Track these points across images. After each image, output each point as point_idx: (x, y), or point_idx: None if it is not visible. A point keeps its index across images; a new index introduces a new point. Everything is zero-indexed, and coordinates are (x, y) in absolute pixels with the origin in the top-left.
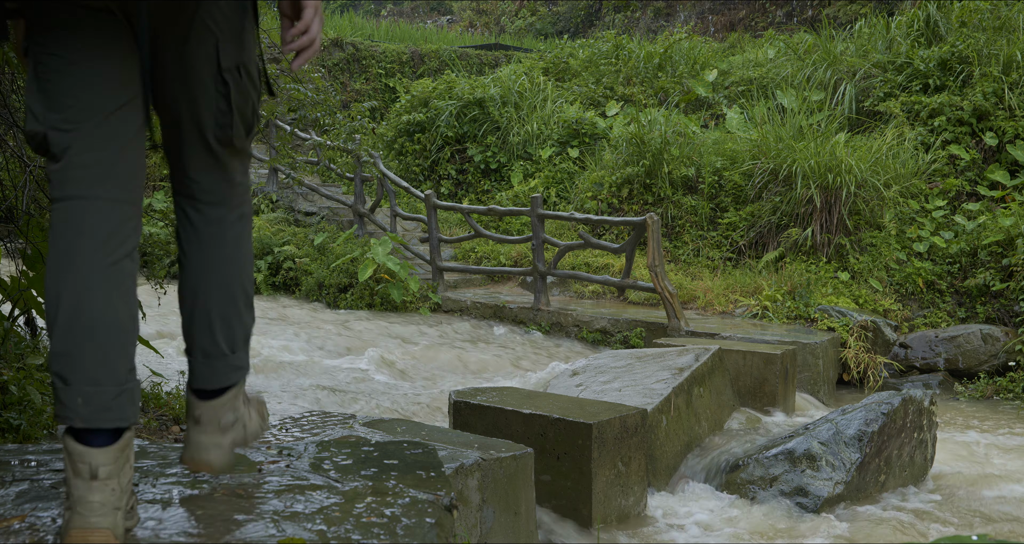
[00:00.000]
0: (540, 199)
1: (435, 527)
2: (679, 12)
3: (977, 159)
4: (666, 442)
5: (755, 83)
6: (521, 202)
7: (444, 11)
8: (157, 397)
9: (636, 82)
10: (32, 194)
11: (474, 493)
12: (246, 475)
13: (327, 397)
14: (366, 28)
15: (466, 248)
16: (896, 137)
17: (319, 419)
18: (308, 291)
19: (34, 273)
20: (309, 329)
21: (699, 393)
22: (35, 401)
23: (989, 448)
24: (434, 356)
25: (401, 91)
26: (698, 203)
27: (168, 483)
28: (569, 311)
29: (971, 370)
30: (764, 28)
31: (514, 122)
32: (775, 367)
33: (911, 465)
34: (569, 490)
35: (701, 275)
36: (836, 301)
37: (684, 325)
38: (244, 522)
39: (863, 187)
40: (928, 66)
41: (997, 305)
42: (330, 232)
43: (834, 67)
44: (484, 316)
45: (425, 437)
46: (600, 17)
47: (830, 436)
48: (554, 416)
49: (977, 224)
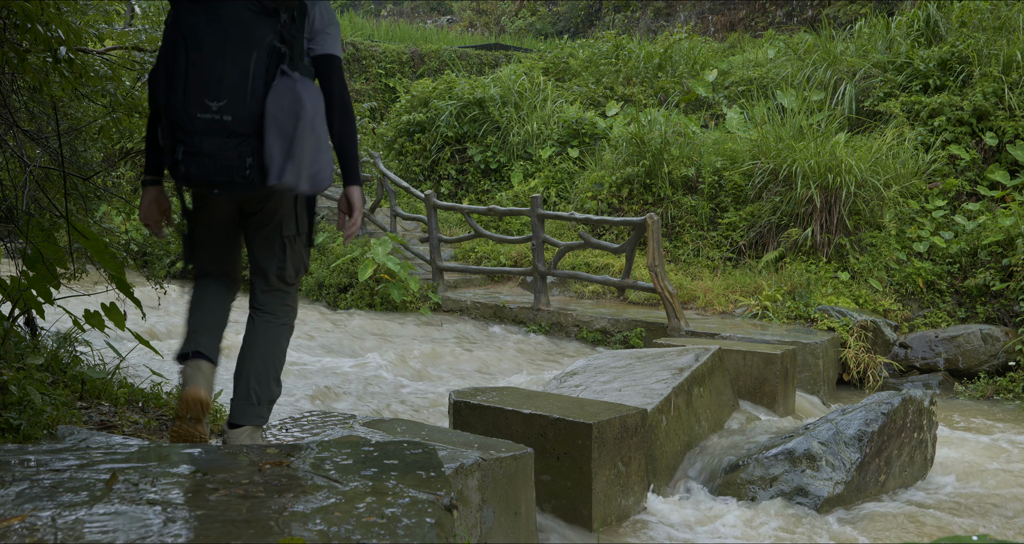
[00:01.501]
0: (540, 199)
1: (435, 527)
2: (679, 12)
3: (977, 159)
4: (666, 442)
5: (755, 83)
6: (521, 202)
7: (444, 11)
8: (157, 397)
9: (636, 82)
10: (32, 194)
11: (474, 493)
12: (246, 475)
13: (327, 397)
14: (366, 28)
15: (466, 248)
16: (896, 137)
17: (319, 419)
18: (308, 291)
19: (34, 273)
20: (309, 329)
21: (699, 393)
22: (35, 401)
23: (989, 448)
24: (434, 356)
25: (401, 91)
26: (698, 203)
27: (168, 483)
28: (569, 311)
29: (971, 370)
30: (764, 28)
31: (514, 122)
32: (775, 367)
33: (911, 465)
34: (569, 490)
35: (701, 275)
36: (836, 301)
37: (684, 325)
38: (244, 522)
39: (863, 187)
40: (928, 66)
41: (997, 305)
42: (330, 232)
43: (834, 67)
44: (484, 316)
45: (425, 437)
46: (600, 17)
47: (830, 436)
48: (554, 416)
49: (977, 224)
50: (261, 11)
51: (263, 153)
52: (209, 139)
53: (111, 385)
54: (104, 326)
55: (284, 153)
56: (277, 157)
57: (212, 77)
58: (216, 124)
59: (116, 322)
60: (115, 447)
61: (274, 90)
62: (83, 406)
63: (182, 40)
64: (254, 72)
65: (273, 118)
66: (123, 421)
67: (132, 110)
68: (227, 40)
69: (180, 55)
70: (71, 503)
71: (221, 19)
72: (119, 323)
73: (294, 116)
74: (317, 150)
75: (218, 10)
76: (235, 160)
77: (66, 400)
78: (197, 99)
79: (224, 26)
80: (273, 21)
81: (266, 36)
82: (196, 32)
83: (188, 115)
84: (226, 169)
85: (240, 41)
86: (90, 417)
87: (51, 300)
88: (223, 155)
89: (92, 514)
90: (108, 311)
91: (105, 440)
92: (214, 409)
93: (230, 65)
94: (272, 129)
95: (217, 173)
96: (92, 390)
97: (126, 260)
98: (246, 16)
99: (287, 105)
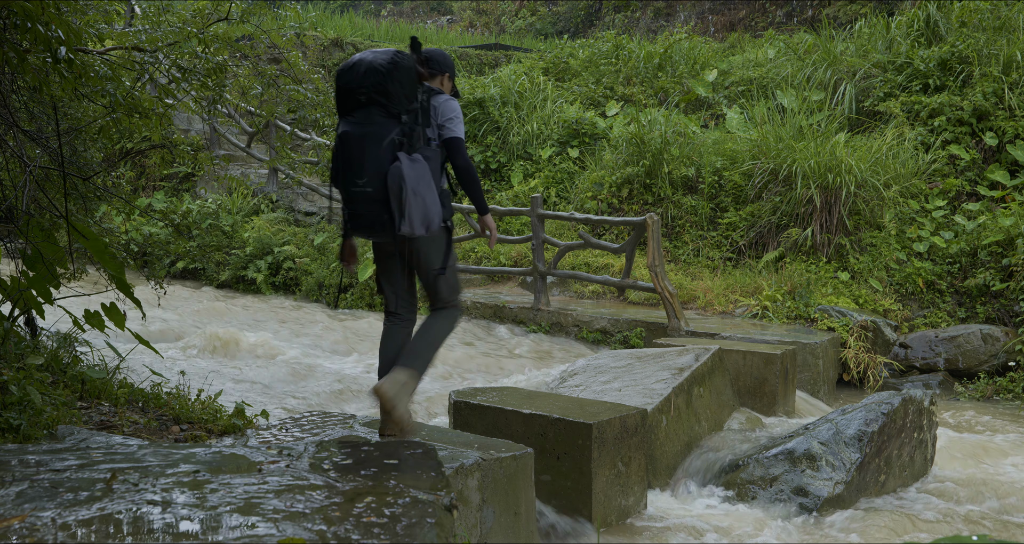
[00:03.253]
0: (540, 199)
1: (435, 527)
2: (679, 12)
3: (977, 159)
4: (666, 442)
5: (755, 83)
6: (521, 202)
7: (444, 11)
8: (157, 397)
9: (636, 82)
10: (32, 194)
11: (474, 493)
12: (247, 475)
13: (327, 397)
14: (366, 28)
15: (466, 248)
16: (896, 137)
17: (319, 419)
18: (308, 291)
19: (34, 273)
20: (309, 329)
21: (699, 393)
22: (35, 401)
23: (989, 448)
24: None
25: None
26: (698, 203)
27: (168, 483)
28: (569, 311)
29: (971, 370)
30: (764, 28)
31: (514, 122)
32: (775, 367)
33: (911, 465)
34: (569, 490)
35: (701, 275)
36: (836, 301)
37: (684, 325)
38: (244, 522)
39: (863, 187)
40: (928, 66)
41: (997, 305)
42: (330, 232)
43: (834, 67)
44: (484, 316)
45: (425, 437)
46: (600, 17)
47: (830, 436)
48: (554, 416)
49: (977, 224)
50: (388, 116)
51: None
52: (362, 205)
53: (111, 385)
54: (104, 326)
55: (400, 211)
56: (397, 214)
57: (357, 165)
58: (363, 195)
59: (116, 322)
60: (115, 447)
61: (390, 171)
62: (83, 406)
63: (341, 143)
64: (380, 159)
65: (390, 190)
66: (123, 421)
67: (132, 110)
68: (365, 140)
69: (340, 153)
70: (71, 503)
71: (362, 125)
72: (119, 323)
73: (399, 189)
74: (423, 207)
75: (360, 120)
76: (376, 216)
77: (66, 400)
78: (351, 180)
79: (363, 131)
80: (396, 122)
81: (390, 133)
82: (347, 136)
83: (347, 190)
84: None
85: (372, 140)
86: (90, 417)
87: (51, 300)
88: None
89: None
90: (108, 311)
91: (105, 440)
92: (214, 409)
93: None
94: (392, 197)
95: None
96: (92, 390)
97: (126, 260)
98: (378, 121)
99: (395, 181)
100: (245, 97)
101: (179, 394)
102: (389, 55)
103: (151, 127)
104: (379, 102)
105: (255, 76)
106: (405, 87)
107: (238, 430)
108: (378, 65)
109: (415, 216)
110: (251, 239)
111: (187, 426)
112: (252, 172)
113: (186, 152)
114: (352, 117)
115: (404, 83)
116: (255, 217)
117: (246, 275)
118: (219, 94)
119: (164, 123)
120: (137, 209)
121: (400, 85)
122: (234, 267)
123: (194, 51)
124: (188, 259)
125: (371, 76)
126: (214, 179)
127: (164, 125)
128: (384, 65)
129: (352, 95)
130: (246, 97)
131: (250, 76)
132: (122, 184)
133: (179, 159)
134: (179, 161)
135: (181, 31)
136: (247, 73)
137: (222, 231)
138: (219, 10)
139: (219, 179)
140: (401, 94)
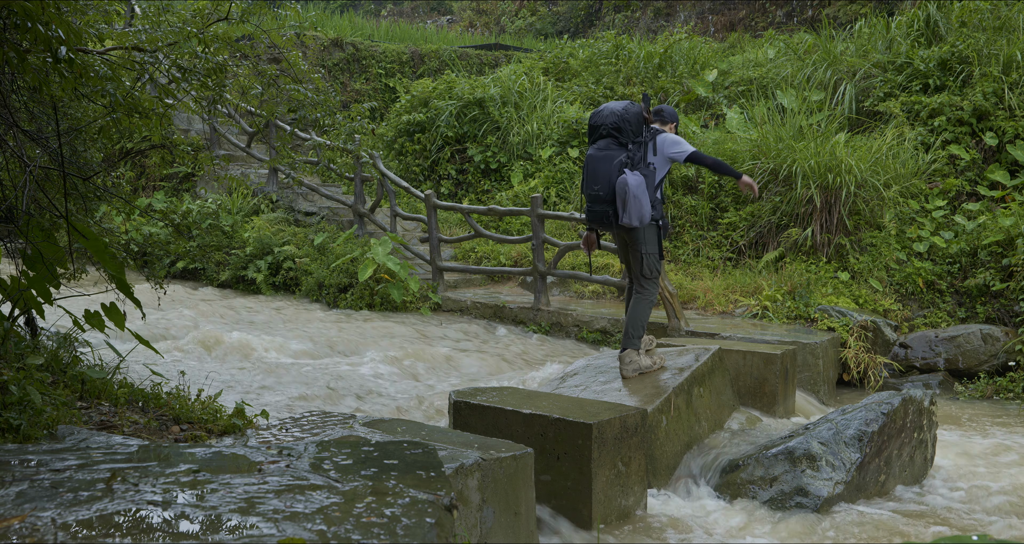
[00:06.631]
0: (540, 199)
1: (435, 527)
2: (679, 12)
3: (977, 159)
4: (666, 442)
5: (755, 83)
6: (521, 202)
7: (444, 11)
8: (157, 397)
9: (636, 82)
10: (32, 194)
11: (474, 493)
12: (247, 475)
13: (327, 396)
14: (366, 28)
15: (466, 248)
16: (896, 137)
17: (319, 419)
18: (308, 291)
19: (34, 273)
20: (309, 329)
21: (699, 393)
22: (35, 401)
23: (989, 448)
24: (434, 356)
25: (401, 91)
26: (698, 203)
27: (168, 483)
28: (569, 311)
29: (971, 370)
30: (764, 28)
31: (514, 122)
32: (775, 367)
33: (911, 465)
34: (569, 490)
35: (701, 275)
36: (836, 301)
37: (684, 325)
38: (244, 522)
39: (863, 187)
40: (928, 66)
41: (997, 305)
42: (330, 232)
43: (834, 67)
44: (484, 316)
45: (425, 437)
46: (600, 17)
47: (830, 436)
48: (554, 416)
49: (977, 224)
50: (618, 145)
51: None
52: (596, 204)
53: (111, 385)
54: (104, 326)
55: (623, 208)
56: (620, 211)
57: (592, 175)
58: (597, 196)
59: (116, 322)
60: (115, 447)
61: (618, 181)
62: (83, 406)
63: (587, 162)
64: (611, 173)
65: (617, 194)
66: (123, 421)
67: (132, 110)
68: (600, 159)
69: (585, 168)
70: (71, 503)
71: (601, 150)
72: (119, 323)
73: (623, 192)
74: (640, 206)
75: (601, 147)
76: (604, 211)
77: (66, 400)
78: (589, 185)
79: (601, 154)
80: (623, 149)
81: (618, 156)
82: (591, 157)
83: (587, 193)
84: (600, 216)
85: (605, 159)
86: (90, 417)
87: (51, 300)
88: (601, 211)
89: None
90: (108, 311)
91: (105, 440)
92: (214, 409)
93: (602, 170)
94: (617, 198)
95: (600, 219)
96: (92, 390)
97: (126, 260)
98: (611, 147)
99: (620, 187)
100: (245, 97)
101: (179, 394)
102: (624, 105)
103: (151, 127)
104: (614, 135)
105: (255, 76)
106: (632, 125)
107: (238, 430)
108: (615, 110)
109: (633, 212)
110: (251, 239)
111: (187, 426)
112: (252, 172)
113: (186, 152)
114: (596, 144)
115: (632, 123)
116: (255, 217)
117: (246, 275)
118: (219, 94)
119: (164, 123)
120: (137, 209)
121: (628, 124)
122: (234, 267)
123: (194, 51)
124: (188, 259)
125: (609, 117)
126: (214, 179)
127: (164, 125)
128: (618, 111)
129: (597, 129)
130: (246, 97)
131: (250, 76)
132: (122, 184)
133: (179, 159)
134: (179, 161)
135: (181, 31)
136: (247, 73)
137: (222, 231)
138: (219, 10)
139: (219, 179)
140: (629, 130)
